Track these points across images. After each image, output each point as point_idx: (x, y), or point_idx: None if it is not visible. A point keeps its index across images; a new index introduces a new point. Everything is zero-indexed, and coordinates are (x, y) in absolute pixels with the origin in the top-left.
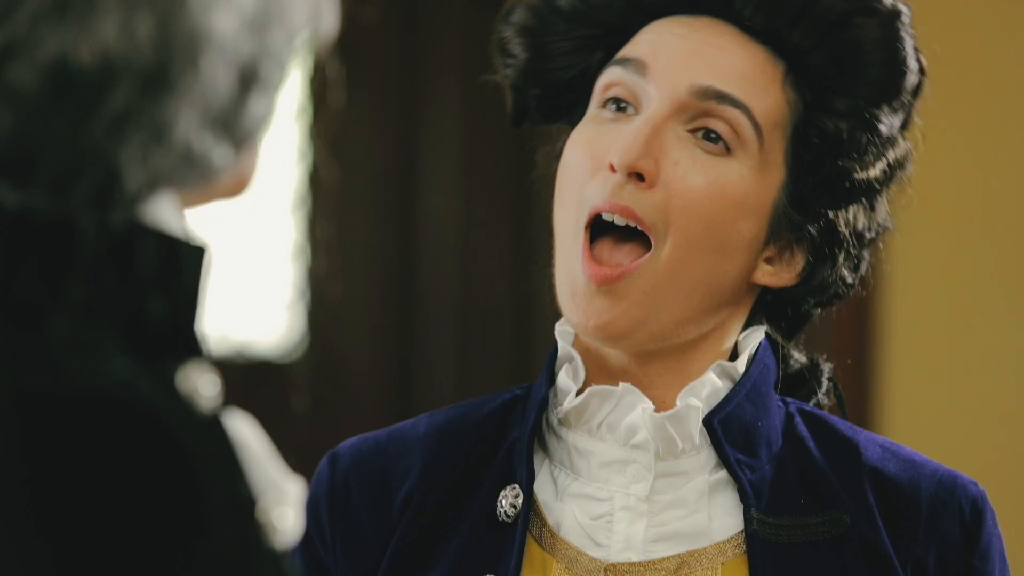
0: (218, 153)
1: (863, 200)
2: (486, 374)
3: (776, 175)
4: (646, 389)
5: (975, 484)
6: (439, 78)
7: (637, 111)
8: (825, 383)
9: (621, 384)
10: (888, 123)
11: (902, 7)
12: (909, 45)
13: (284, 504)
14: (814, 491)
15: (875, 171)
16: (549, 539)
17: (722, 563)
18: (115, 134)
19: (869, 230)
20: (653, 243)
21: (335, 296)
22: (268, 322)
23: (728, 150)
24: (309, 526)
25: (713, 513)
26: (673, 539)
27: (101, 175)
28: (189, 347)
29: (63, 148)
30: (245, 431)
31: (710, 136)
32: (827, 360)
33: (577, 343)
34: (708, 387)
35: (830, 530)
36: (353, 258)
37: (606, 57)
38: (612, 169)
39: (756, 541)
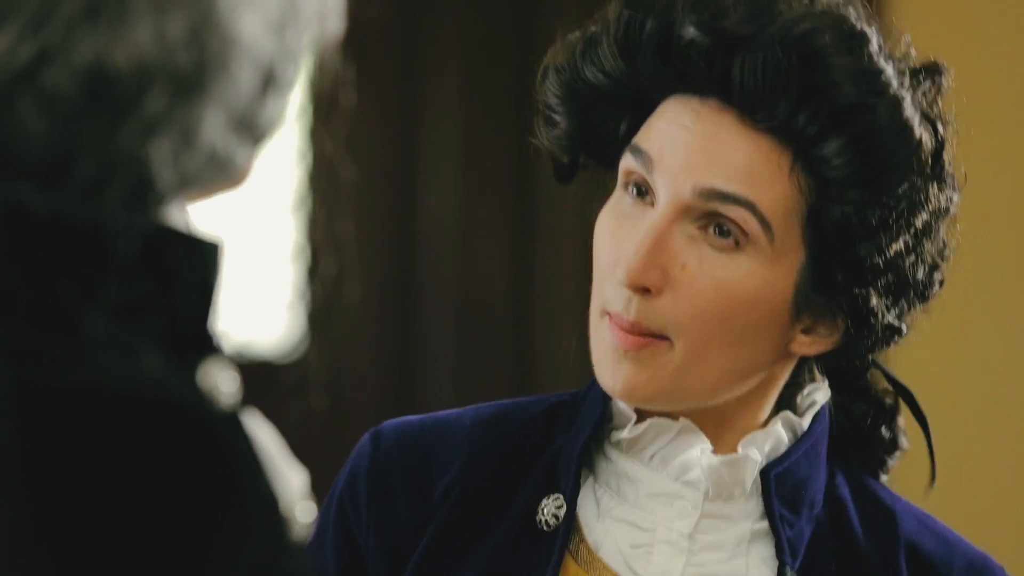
0: (240, 153)
1: (890, 275)
2: (486, 374)
3: (794, 258)
4: (701, 429)
5: (1003, 570)
6: (439, 78)
7: (653, 200)
8: (898, 434)
9: (681, 419)
10: (910, 196)
11: (905, 94)
12: (916, 123)
13: (302, 498)
14: (846, 559)
15: (898, 245)
16: (587, 556)
17: None
18: (148, 137)
19: (912, 283)
20: (670, 340)
21: (350, 297)
22: (268, 322)
23: (737, 244)
24: (345, 500)
25: (750, 563)
26: None
27: (134, 178)
28: (208, 344)
29: (98, 152)
30: (256, 426)
31: (722, 230)
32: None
33: None
34: (772, 438)
35: None
36: (352, 258)
37: (635, 121)
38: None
39: None
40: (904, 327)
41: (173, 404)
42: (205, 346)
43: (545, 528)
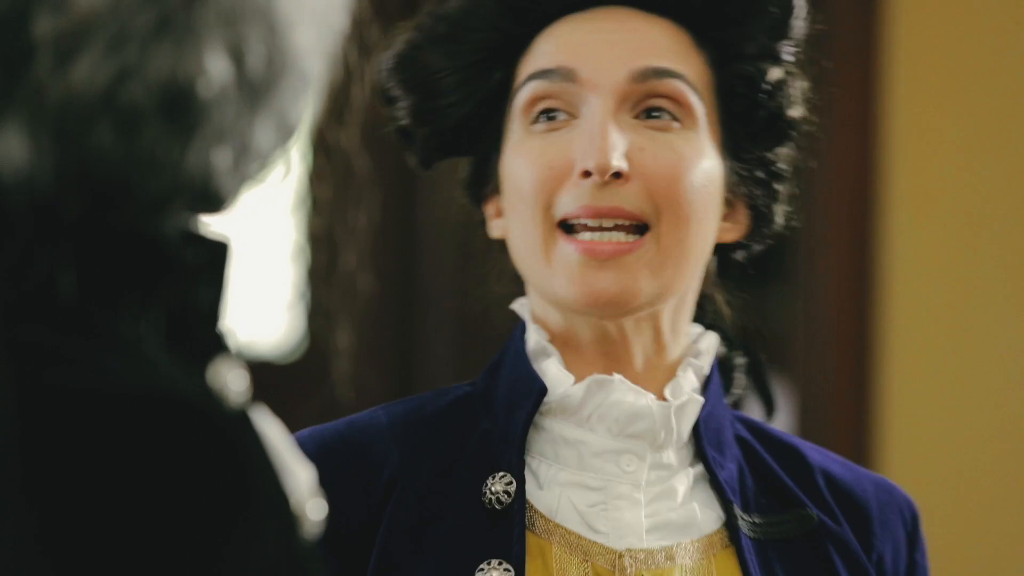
0: (279, 156)
1: (794, 135)
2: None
3: (717, 134)
4: (631, 379)
5: (902, 489)
6: None
7: (574, 116)
8: (741, 378)
9: (616, 374)
10: (792, 57)
11: None
12: None
13: (312, 495)
14: (773, 491)
15: (799, 106)
16: (543, 525)
17: (713, 555)
18: (214, 148)
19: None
20: (650, 227)
21: (365, 289)
22: (268, 322)
23: (677, 121)
24: None
25: (698, 506)
26: (666, 528)
27: (199, 189)
28: (217, 343)
29: (170, 167)
30: (264, 423)
31: (652, 114)
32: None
33: (554, 337)
34: (689, 383)
35: (800, 526)
36: (350, 255)
37: (506, 76)
38: (584, 175)
39: (742, 536)
40: (780, 226)
41: (187, 403)
42: (215, 345)
43: (497, 507)
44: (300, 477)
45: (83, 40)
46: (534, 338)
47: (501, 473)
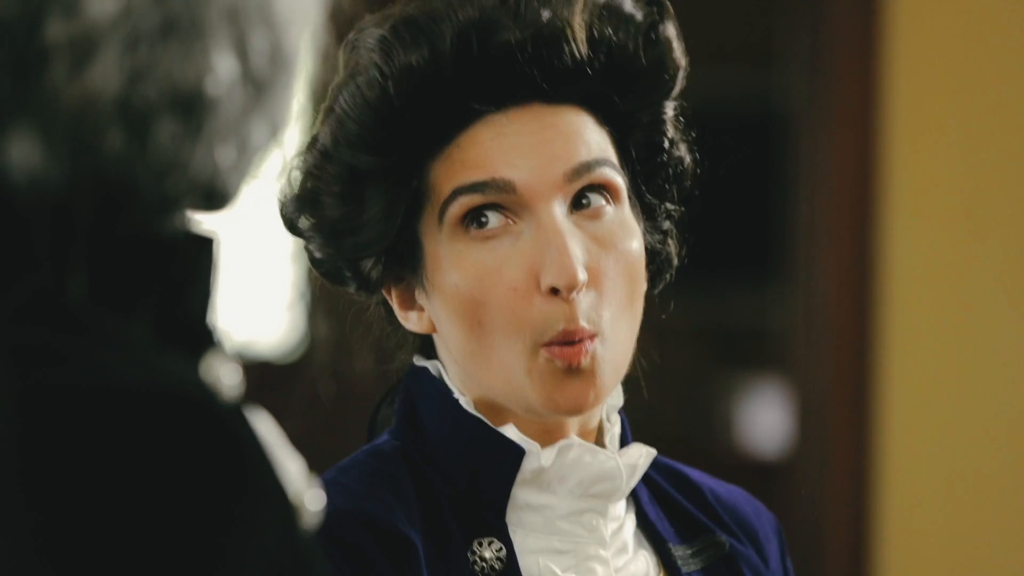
0: (273, 152)
1: (684, 178)
2: None
3: (632, 203)
4: (559, 437)
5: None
6: None
7: (512, 222)
8: None
9: (573, 436)
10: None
11: (655, 9)
12: (670, 45)
13: (311, 487)
14: (680, 520)
15: (688, 151)
16: None
17: None
18: (217, 147)
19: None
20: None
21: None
22: (268, 322)
23: (607, 204)
24: None
25: (644, 552)
26: None
27: (205, 188)
28: (208, 338)
29: (180, 168)
30: (256, 418)
31: (582, 202)
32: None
33: (479, 406)
34: (618, 430)
35: (715, 553)
36: None
37: (416, 191)
38: (552, 292)
39: (681, 573)
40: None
41: (186, 397)
42: (206, 340)
43: (491, 574)
44: (292, 470)
45: (96, 44)
46: (467, 403)
47: (488, 539)
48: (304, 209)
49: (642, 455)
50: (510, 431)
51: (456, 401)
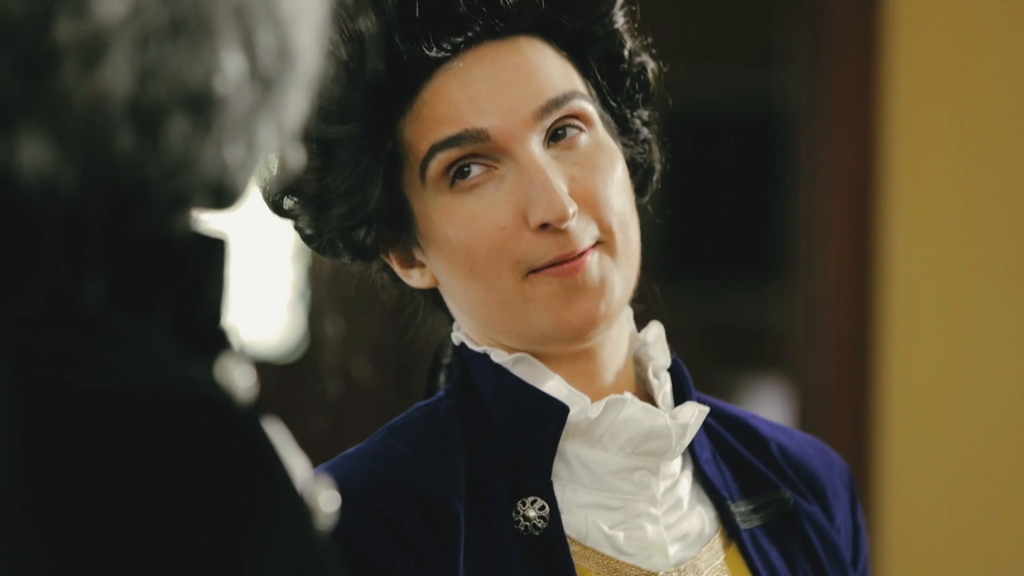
0: (280, 152)
1: (650, 81)
2: None
3: (605, 120)
4: (594, 391)
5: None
6: None
7: (493, 167)
8: None
9: (627, 393)
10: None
11: None
12: None
13: (325, 488)
14: (745, 475)
15: (641, 52)
16: (578, 551)
17: (724, 555)
18: (226, 146)
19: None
20: (602, 243)
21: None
22: (268, 322)
23: (581, 132)
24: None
25: (701, 509)
26: (684, 540)
27: (214, 187)
28: (222, 340)
29: (187, 166)
30: (268, 419)
31: (558, 133)
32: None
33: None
34: (667, 387)
35: (777, 509)
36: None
37: (393, 152)
38: (541, 227)
39: (739, 531)
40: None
41: (205, 400)
42: (220, 342)
43: (535, 532)
44: (300, 471)
45: (105, 44)
46: (503, 358)
47: (532, 498)
48: (286, 189)
49: (695, 413)
50: (558, 386)
51: (496, 364)
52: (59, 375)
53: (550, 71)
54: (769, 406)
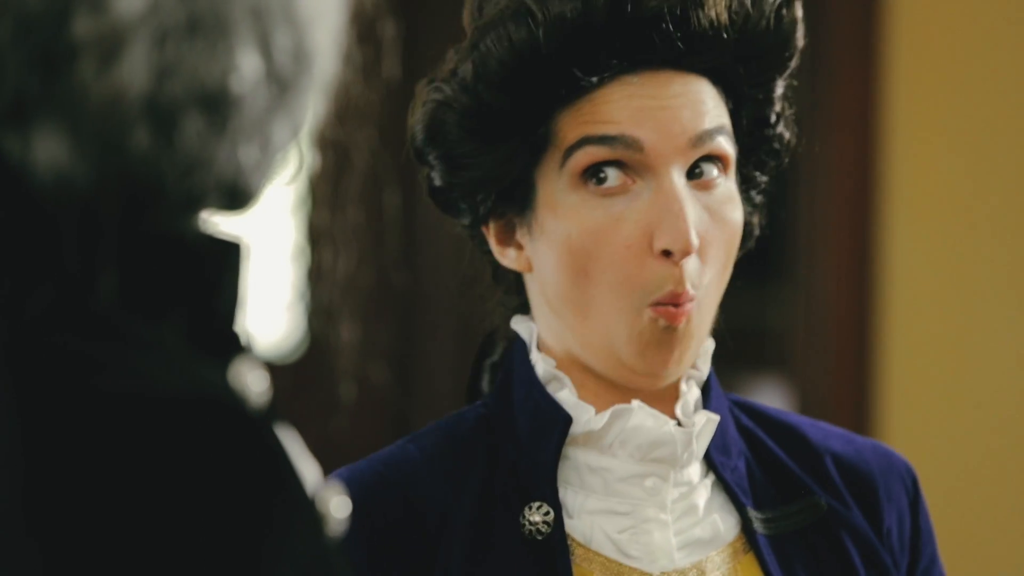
0: (291, 153)
1: (783, 153)
2: None
3: (737, 173)
4: (640, 399)
5: (896, 451)
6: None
7: (632, 181)
8: None
9: (635, 401)
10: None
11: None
12: (797, 24)
13: (335, 494)
14: (781, 480)
15: (792, 128)
16: (582, 554)
17: (738, 561)
18: (241, 146)
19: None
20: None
21: (364, 285)
22: (268, 322)
23: (720, 174)
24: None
25: (718, 517)
26: (694, 545)
27: (228, 187)
28: (236, 344)
29: (201, 165)
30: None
31: (696, 171)
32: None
33: (561, 364)
34: (693, 398)
35: (809, 516)
36: (351, 252)
37: (541, 139)
38: (664, 254)
39: (759, 538)
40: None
41: (221, 403)
42: (234, 346)
43: (538, 537)
44: (310, 476)
45: (123, 41)
46: (541, 366)
47: (537, 503)
48: (434, 138)
49: (704, 423)
50: (567, 396)
51: (525, 362)
52: (71, 378)
53: (711, 107)
54: (769, 406)
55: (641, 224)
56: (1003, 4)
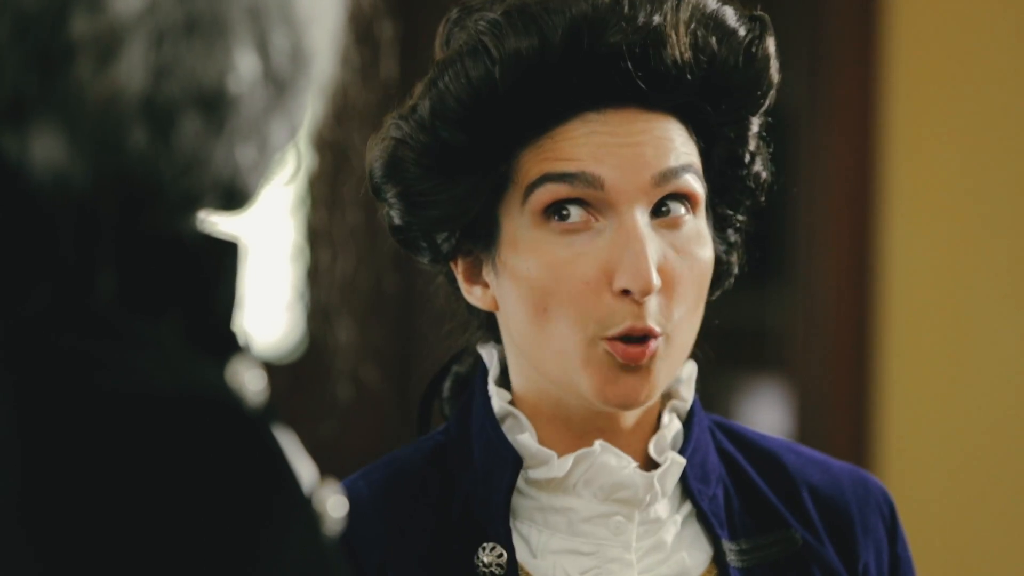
0: (289, 154)
1: (758, 192)
2: None
3: (708, 212)
4: (608, 437)
5: (873, 476)
6: None
7: (594, 219)
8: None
9: (597, 443)
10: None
11: (757, 25)
12: (768, 62)
13: (333, 493)
14: (758, 510)
15: (767, 166)
16: None
17: None
18: (238, 147)
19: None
20: (666, 334)
21: (364, 286)
22: (268, 322)
23: (687, 212)
24: None
25: (687, 551)
26: None
27: (225, 187)
28: (234, 343)
29: (198, 165)
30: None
31: (662, 209)
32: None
33: (522, 401)
34: (673, 430)
35: (784, 549)
36: (348, 253)
37: (502, 176)
38: (623, 293)
39: (730, 571)
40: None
41: (218, 403)
42: (231, 346)
43: None
44: (307, 476)
45: (121, 40)
46: (496, 401)
47: (491, 545)
48: (392, 176)
49: (668, 466)
50: (527, 441)
51: (485, 391)
52: (70, 376)
53: (677, 145)
54: (768, 407)
55: (600, 261)
56: (1003, 4)
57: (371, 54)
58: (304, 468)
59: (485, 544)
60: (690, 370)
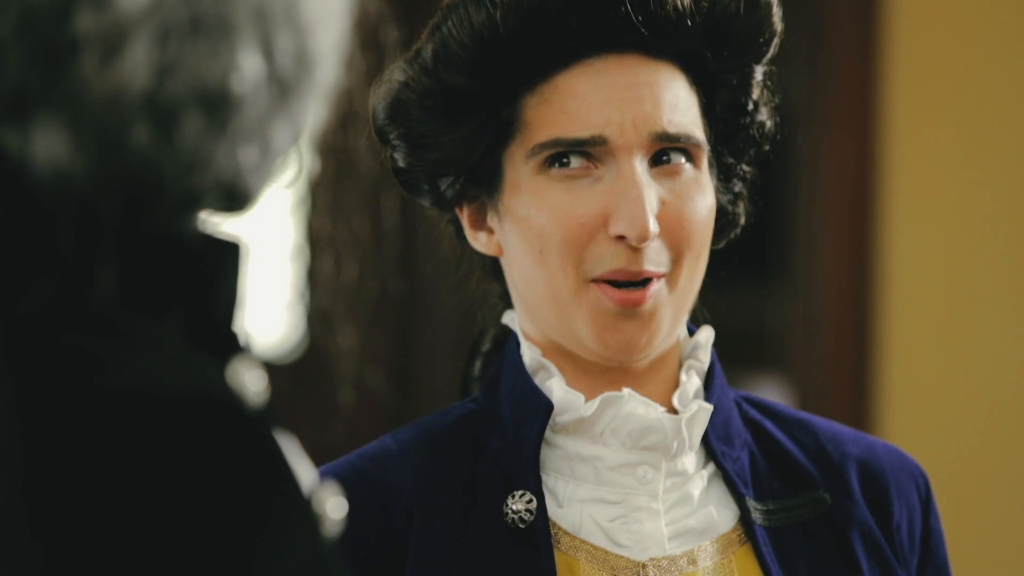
0: (291, 156)
1: (762, 141)
2: None
3: (710, 161)
4: (635, 388)
5: (898, 448)
6: None
7: (594, 167)
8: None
9: (626, 389)
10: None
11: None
12: (770, 9)
13: (332, 494)
14: (786, 473)
15: (771, 115)
16: (569, 542)
17: (733, 553)
18: (240, 147)
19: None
20: (665, 277)
21: (369, 289)
22: (268, 322)
23: (687, 161)
24: None
25: (714, 507)
26: (687, 535)
27: (227, 188)
28: (235, 344)
29: (201, 165)
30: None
31: (663, 159)
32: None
33: (548, 352)
34: (693, 385)
35: (812, 510)
36: (352, 258)
37: (507, 120)
38: (619, 238)
39: (756, 529)
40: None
41: (219, 402)
42: (232, 346)
43: (520, 525)
44: (306, 477)
45: (125, 36)
46: (528, 355)
47: (520, 492)
48: (395, 118)
49: (696, 411)
50: (556, 385)
51: (516, 352)
52: (70, 373)
53: (678, 100)
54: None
55: (598, 206)
56: (1003, 4)
57: (376, 59)
58: (303, 469)
59: (515, 492)
60: (707, 334)
